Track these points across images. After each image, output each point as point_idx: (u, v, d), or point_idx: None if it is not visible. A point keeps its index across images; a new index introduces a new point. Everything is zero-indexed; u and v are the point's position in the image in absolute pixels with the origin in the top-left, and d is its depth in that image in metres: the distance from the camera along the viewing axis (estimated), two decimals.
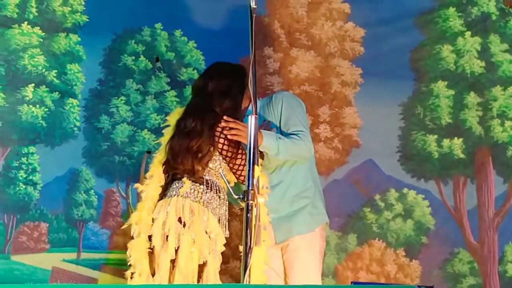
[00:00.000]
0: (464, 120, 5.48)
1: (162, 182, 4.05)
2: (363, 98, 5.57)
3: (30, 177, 5.43)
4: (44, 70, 5.54)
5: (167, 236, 3.84)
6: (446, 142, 5.47)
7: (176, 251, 3.83)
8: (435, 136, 5.49)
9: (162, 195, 4.00)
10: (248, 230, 3.25)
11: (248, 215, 3.27)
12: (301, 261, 4.33)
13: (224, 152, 4.03)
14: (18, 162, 5.45)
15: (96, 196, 5.42)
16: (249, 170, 3.30)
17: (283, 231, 4.37)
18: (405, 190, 5.46)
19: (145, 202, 3.98)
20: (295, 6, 5.76)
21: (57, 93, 5.53)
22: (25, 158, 5.45)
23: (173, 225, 3.85)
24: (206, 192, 3.96)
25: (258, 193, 3.29)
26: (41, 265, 5.32)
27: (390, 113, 5.56)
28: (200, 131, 4.01)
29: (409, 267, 5.39)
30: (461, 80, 5.53)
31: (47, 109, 5.51)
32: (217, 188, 4.01)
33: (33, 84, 5.49)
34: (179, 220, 3.86)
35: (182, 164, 4.00)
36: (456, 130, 5.48)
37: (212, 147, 4.00)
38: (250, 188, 3.28)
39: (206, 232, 3.88)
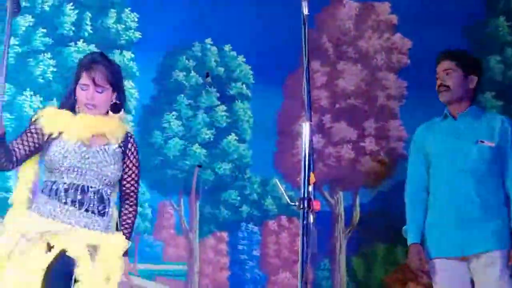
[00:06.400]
0: None
1: None
2: (408, 110, 5.56)
3: None
4: None
5: None
6: None
7: None
8: None
9: None
10: (305, 238, 3.29)
11: (304, 222, 3.30)
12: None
13: None
14: None
15: (150, 209, 5.49)
16: (304, 178, 3.33)
17: (475, 240, 3.91)
18: None
19: None
20: (342, 19, 5.80)
21: None
22: None
23: None
24: None
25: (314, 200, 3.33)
26: None
27: None
28: None
29: None
30: (509, 91, 5.49)
31: None
32: None
33: None
34: None
35: None
36: None
37: None
38: (305, 195, 3.32)
39: None
